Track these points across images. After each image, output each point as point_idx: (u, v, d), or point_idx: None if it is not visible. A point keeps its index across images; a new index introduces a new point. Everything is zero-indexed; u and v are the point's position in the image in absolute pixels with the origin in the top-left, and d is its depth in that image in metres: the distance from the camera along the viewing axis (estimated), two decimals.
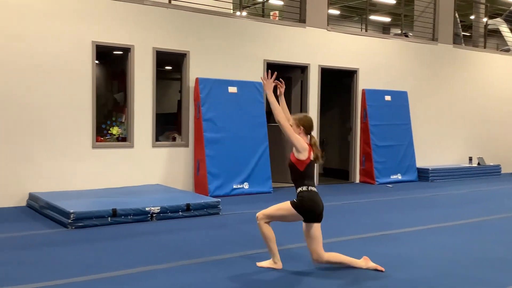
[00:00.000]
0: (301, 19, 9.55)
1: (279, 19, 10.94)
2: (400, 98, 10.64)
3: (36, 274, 4.02)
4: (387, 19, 20.33)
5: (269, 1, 16.54)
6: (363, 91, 10.19)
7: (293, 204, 4.11)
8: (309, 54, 9.53)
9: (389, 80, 10.60)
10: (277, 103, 4.11)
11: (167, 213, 6.19)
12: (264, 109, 8.84)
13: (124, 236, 5.33)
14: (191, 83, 8.23)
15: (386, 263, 4.46)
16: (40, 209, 6.35)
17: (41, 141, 7.01)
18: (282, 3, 14.32)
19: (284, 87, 4.47)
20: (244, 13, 12.75)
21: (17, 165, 6.85)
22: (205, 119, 8.11)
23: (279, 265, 4.25)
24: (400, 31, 12.26)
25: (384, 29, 21.13)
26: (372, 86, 10.33)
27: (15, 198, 6.85)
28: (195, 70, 8.28)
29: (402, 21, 12.00)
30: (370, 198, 8.34)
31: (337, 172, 11.15)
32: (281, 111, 4.09)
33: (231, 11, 9.76)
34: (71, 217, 5.57)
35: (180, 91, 8.93)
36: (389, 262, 4.48)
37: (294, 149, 4.15)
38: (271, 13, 12.25)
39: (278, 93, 4.42)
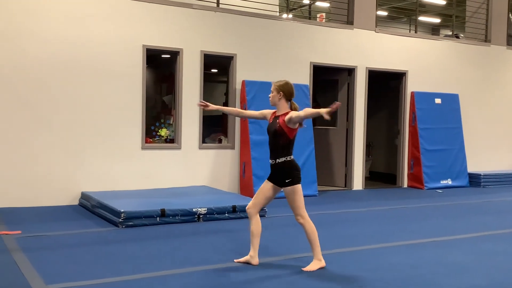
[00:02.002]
0: (349, 21, 9.45)
1: (325, 21, 10.86)
2: (451, 100, 10.35)
3: (88, 271, 4.15)
4: (437, 20, 19.82)
5: (316, 3, 16.46)
6: (412, 94, 9.98)
7: (290, 183, 4.14)
8: (357, 56, 9.42)
9: (439, 82, 10.33)
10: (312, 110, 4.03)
11: (214, 215, 6.27)
12: None
13: (173, 236, 5.42)
14: (238, 86, 8.30)
15: (436, 270, 4.35)
16: (92, 208, 6.56)
17: (93, 142, 7.24)
18: (329, 5, 14.22)
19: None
20: (291, 16, 12.74)
21: (70, 165, 7.10)
22: (251, 121, 8.15)
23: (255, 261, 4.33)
24: (451, 32, 11.93)
25: (434, 30, 20.61)
26: (421, 88, 10.10)
27: (68, 197, 7.10)
28: (242, 73, 8.34)
29: (454, 22, 11.68)
30: (419, 203, 8.14)
31: (383, 176, 10.96)
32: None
33: (277, 13, 9.79)
34: (122, 216, 5.72)
35: (226, 94, 9.02)
36: (439, 270, 4.37)
37: (288, 120, 4.14)
38: (318, 15, 12.18)
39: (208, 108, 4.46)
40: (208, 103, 4.50)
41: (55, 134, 7.00)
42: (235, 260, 4.47)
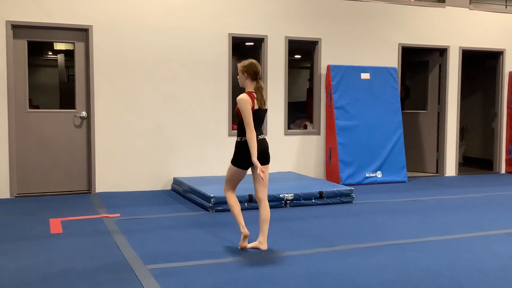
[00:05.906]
0: None
1: (415, 0, 10.40)
2: None
3: (183, 253, 4.32)
4: None
5: None
6: (511, 74, 9.32)
7: (231, 161, 4.37)
8: (449, 36, 8.95)
9: None
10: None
11: (300, 200, 6.28)
12: (398, 95, 8.51)
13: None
14: (323, 71, 8.21)
15: None
16: (183, 193, 6.83)
17: (184, 130, 7.51)
18: None
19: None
20: None
21: (164, 152, 7.42)
22: (337, 106, 8.04)
23: (264, 246, 4.37)
24: None
25: None
26: None
27: (161, 182, 7.44)
28: (327, 57, 8.23)
29: None
30: None
31: (479, 162, 10.39)
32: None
33: None
34: (212, 201, 5.91)
35: (310, 79, 8.95)
36: None
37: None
38: None
39: None
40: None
41: (149, 122, 7.34)
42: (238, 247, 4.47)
